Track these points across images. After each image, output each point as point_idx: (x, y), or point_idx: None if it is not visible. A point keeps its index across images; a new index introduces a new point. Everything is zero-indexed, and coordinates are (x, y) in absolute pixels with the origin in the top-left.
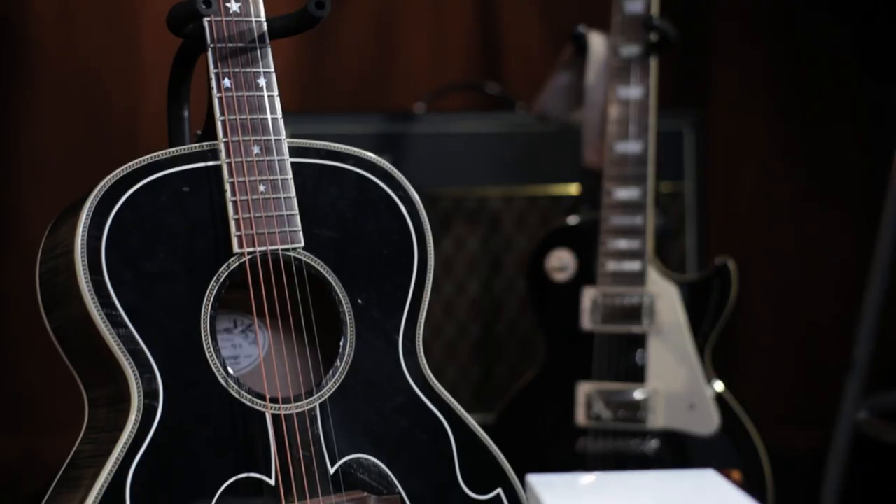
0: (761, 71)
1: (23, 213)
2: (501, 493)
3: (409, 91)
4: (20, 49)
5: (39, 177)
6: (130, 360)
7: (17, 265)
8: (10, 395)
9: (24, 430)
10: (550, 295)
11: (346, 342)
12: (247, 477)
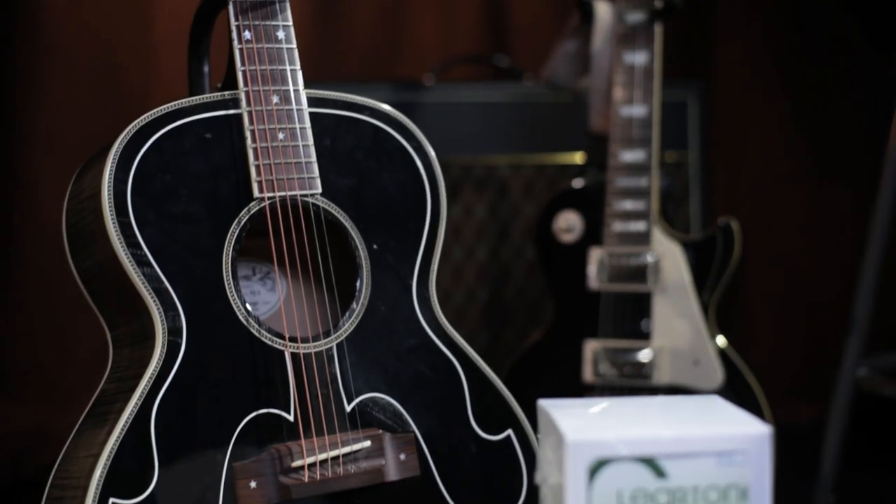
0: (762, 46)
1: (37, 192)
2: (512, 434)
3: (418, 64)
4: (35, 28)
5: (53, 154)
6: (155, 298)
7: (32, 242)
8: (23, 368)
9: (38, 402)
10: (558, 256)
11: (361, 285)
12: (267, 412)
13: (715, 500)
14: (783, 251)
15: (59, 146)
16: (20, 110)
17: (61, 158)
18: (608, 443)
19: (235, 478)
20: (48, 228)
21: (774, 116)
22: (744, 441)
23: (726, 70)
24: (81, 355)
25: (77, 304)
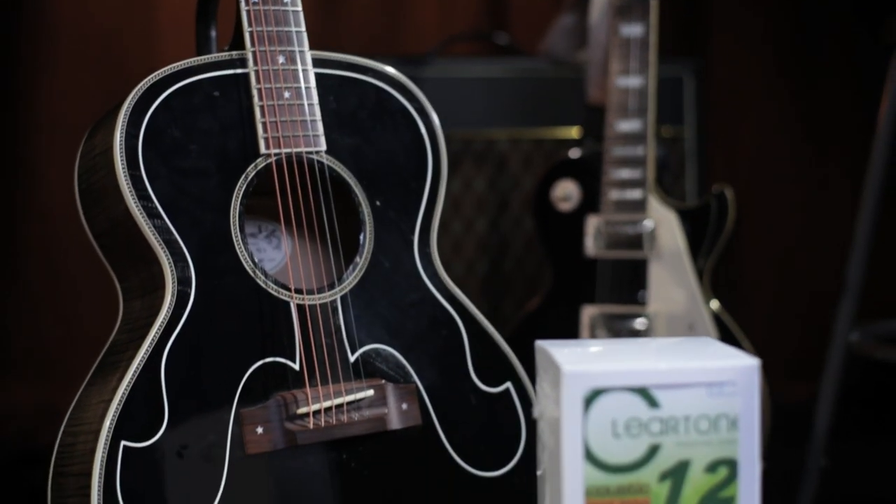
0: (758, 26)
1: (41, 174)
2: (511, 387)
3: (418, 45)
4: (38, 11)
5: (57, 136)
6: (165, 249)
7: (36, 224)
8: (27, 349)
9: (41, 382)
10: (555, 224)
11: (364, 240)
12: (273, 361)
13: (706, 429)
14: (780, 230)
15: (62, 128)
16: (24, 92)
17: (65, 140)
18: (603, 373)
19: (242, 423)
20: (52, 211)
21: (770, 95)
22: (733, 372)
23: (722, 50)
24: (84, 336)
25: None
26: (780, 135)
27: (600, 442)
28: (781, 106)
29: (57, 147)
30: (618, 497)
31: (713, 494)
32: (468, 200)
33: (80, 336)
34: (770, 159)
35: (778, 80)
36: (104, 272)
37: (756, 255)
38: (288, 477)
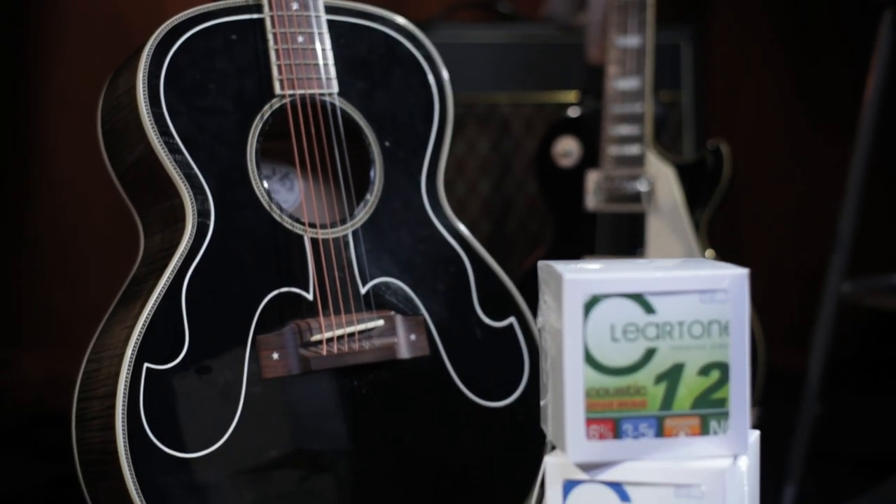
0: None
1: (51, 149)
2: (514, 321)
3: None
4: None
5: (67, 112)
6: (186, 182)
7: (46, 198)
8: (37, 319)
9: (51, 351)
10: (557, 180)
11: (374, 178)
12: (288, 291)
13: (699, 334)
14: (777, 199)
15: (72, 104)
16: (35, 70)
17: (75, 116)
18: (601, 280)
19: (259, 349)
20: (62, 185)
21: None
22: (724, 280)
23: (720, 19)
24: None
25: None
26: (777, 105)
27: (599, 346)
28: (778, 76)
29: (66, 123)
30: (616, 398)
31: (706, 396)
32: (472, 162)
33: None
34: (767, 128)
35: (776, 53)
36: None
37: (754, 225)
38: (302, 401)
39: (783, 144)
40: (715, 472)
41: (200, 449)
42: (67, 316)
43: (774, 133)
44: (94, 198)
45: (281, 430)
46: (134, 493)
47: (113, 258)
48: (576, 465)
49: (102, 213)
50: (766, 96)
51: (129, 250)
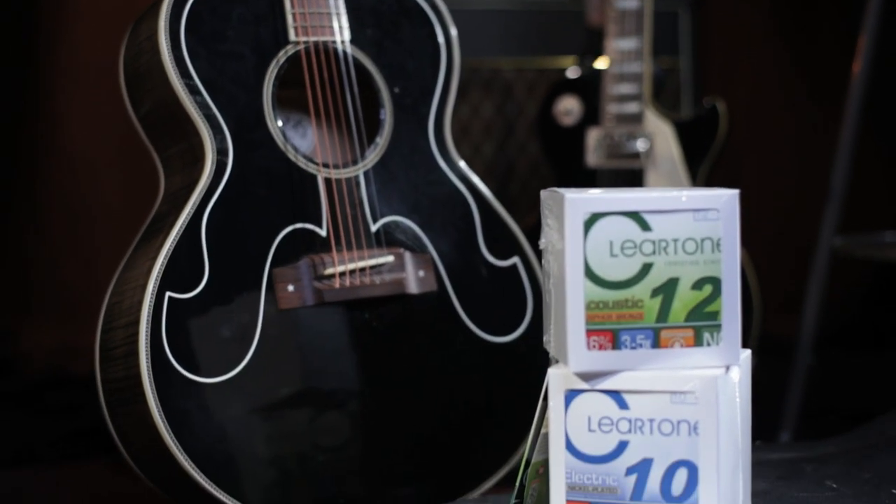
0: None
1: (61, 121)
2: (518, 262)
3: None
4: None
5: (77, 85)
6: (205, 122)
7: (56, 170)
8: (49, 290)
9: (63, 321)
10: (558, 138)
11: (384, 122)
12: (302, 227)
13: (692, 250)
14: (776, 170)
15: (84, 76)
16: (47, 42)
17: (84, 89)
18: (600, 199)
19: (275, 281)
20: (73, 156)
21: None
22: (716, 200)
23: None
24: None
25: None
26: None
27: (599, 261)
28: (775, 46)
29: (78, 95)
30: (615, 311)
31: (700, 309)
32: (476, 126)
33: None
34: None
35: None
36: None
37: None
38: (316, 331)
39: (781, 114)
40: (708, 379)
41: (220, 374)
42: (77, 287)
43: (772, 103)
44: (104, 170)
45: (295, 359)
46: (157, 415)
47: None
48: (577, 375)
49: (112, 185)
50: (763, 66)
51: (138, 222)
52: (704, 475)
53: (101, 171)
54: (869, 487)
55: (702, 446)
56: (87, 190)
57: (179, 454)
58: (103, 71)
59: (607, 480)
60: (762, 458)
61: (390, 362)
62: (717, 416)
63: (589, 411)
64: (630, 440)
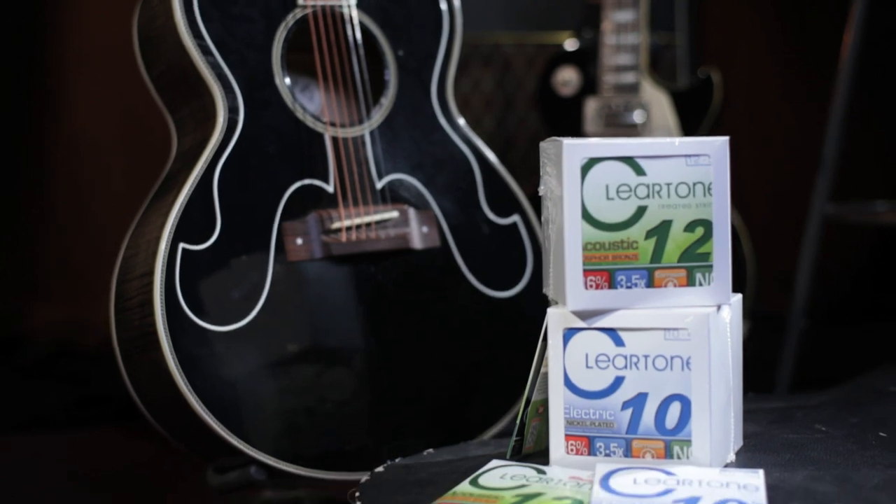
0: None
1: (67, 102)
2: (518, 220)
3: None
4: None
5: (83, 67)
6: (217, 81)
7: (63, 150)
8: (55, 268)
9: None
10: (557, 107)
11: (389, 84)
12: (310, 183)
13: (685, 194)
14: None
15: (89, 60)
16: (53, 26)
17: (91, 69)
18: (596, 145)
19: (284, 234)
20: (78, 138)
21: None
22: (708, 146)
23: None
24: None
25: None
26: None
27: (595, 204)
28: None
29: (83, 78)
30: (611, 251)
31: (692, 250)
32: (476, 99)
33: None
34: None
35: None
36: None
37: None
38: (324, 284)
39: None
40: (700, 317)
41: (231, 322)
42: (83, 268)
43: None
44: (110, 153)
45: (304, 309)
46: (171, 361)
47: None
48: (574, 313)
49: (118, 167)
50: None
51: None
52: (697, 408)
53: (105, 151)
54: (856, 430)
55: (694, 381)
56: (91, 170)
57: (192, 398)
58: (109, 52)
59: (604, 415)
60: (755, 406)
61: (395, 314)
62: (708, 352)
63: (586, 348)
64: (626, 376)
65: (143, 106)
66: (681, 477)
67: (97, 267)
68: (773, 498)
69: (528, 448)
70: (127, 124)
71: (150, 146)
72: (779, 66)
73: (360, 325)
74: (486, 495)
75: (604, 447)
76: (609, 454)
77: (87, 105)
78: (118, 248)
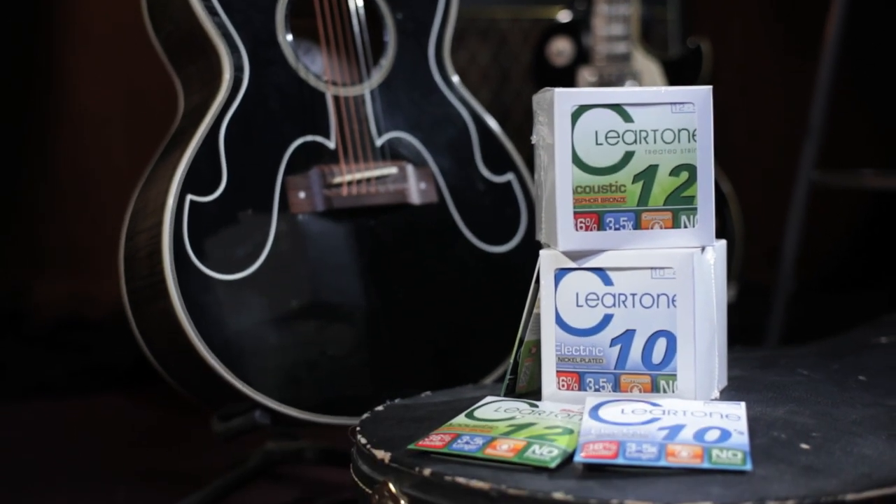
0: None
1: (71, 83)
2: (512, 178)
3: None
4: None
5: (87, 46)
6: (223, 40)
7: (67, 129)
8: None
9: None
10: (551, 77)
11: (388, 46)
12: (313, 140)
13: (670, 140)
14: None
15: (92, 39)
16: (58, 8)
17: (94, 50)
18: (585, 93)
19: (287, 188)
20: (83, 117)
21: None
22: (692, 94)
23: None
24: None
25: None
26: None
27: (585, 149)
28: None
29: (87, 60)
30: (600, 194)
31: (677, 194)
32: (473, 73)
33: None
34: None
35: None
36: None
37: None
38: (325, 236)
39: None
40: (685, 256)
41: (238, 271)
42: (86, 245)
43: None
44: (113, 131)
45: (306, 260)
46: (179, 308)
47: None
48: (565, 254)
49: (121, 146)
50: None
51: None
52: (682, 344)
53: (108, 129)
54: (837, 375)
55: (679, 317)
56: (94, 148)
57: (199, 343)
58: (112, 31)
59: (594, 351)
60: (741, 355)
61: (394, 266)
62: (692, 290)
63: (577, 288)
64: (614, 313)
65: (146, 84)
66: (666, 407)
67: (100, 243)
68: (754, 427)
69: (522, 387)
70: (129, 102)
71: (152, 124)
72: (771, 40)
73: (360, 275)
74: (480, 426)
75: (593, 382)
76: (598, 389)
77: (90, 84)
78: (119, 225)
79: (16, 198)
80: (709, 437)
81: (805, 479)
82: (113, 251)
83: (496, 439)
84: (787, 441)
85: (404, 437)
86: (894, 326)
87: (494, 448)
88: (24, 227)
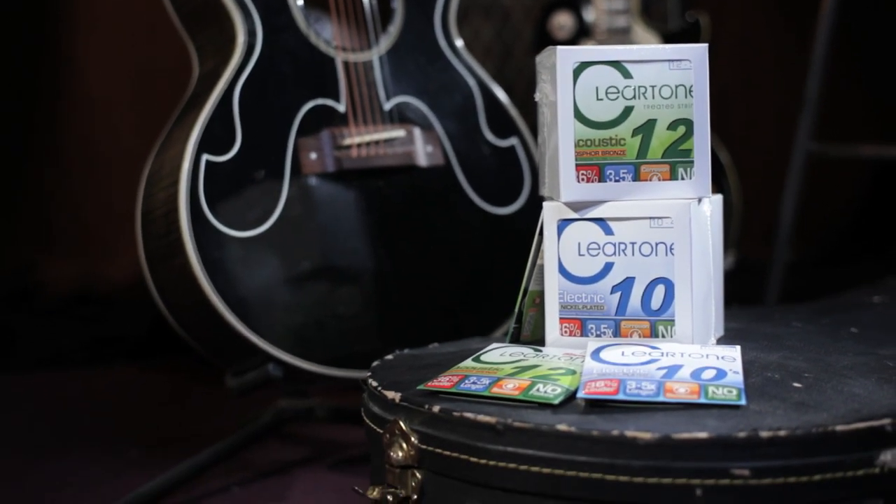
0: None
1: (80, 67)
2: (516, 142)
3: None
4: None
5: (96, 29)
6: (237, 6)
7: (76, 112)
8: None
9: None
10: None
11: (395, 13)
12: (323, 103)
13: (668, 95)
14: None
15: (102, 25)
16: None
17: (103, 33)
18: (587, 50)
19: (299, 149)
20: (91, 99)
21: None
22: (689, 52)
23: None
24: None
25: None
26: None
27: (586, 104)
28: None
29: (96, 44)
30: (600, 147)
31: (675, 147)
32: (476, 49)
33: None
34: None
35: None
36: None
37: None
38: (336, 195)
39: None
40: (683, 206)
41: (252, 228)
42: (95, 224)
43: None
44: (121, 112)
45: (317, 219)
46: (196, 263)
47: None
48: (567, 205)
49: (128, 127)
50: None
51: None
52: (679, 290)
53: (116, 112)
54: (829, 328)
55: (677, 265)
56: (103, 129)
57: (215, 297)
58: (120, 13)
59: (595, 298)
60: (738, 312)
61: (401, 226)
62: (689, 238)
63: (578, 238)
64: (615, 262)
65: (153, 66)
66: (665, 350)
67: (109, 222)
68: (749, 369)
69: (526, 336)
70: (137, 83)
71: (160, 105)
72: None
73: (369, 234)
74: (487, 368)
75: (595, 328)
76: (600, 334)
77: (98, 65)
78: (128, 207)
79: (26, 177)
80: (705, 375)
81: (797, 413)
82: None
83: (502, 379)
84: (781, 381)
85: (413, 380)
86: (890, 289)
87: (500, 387)
88: (34, 207)
